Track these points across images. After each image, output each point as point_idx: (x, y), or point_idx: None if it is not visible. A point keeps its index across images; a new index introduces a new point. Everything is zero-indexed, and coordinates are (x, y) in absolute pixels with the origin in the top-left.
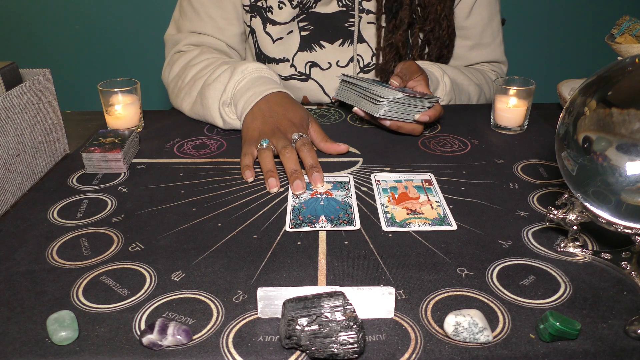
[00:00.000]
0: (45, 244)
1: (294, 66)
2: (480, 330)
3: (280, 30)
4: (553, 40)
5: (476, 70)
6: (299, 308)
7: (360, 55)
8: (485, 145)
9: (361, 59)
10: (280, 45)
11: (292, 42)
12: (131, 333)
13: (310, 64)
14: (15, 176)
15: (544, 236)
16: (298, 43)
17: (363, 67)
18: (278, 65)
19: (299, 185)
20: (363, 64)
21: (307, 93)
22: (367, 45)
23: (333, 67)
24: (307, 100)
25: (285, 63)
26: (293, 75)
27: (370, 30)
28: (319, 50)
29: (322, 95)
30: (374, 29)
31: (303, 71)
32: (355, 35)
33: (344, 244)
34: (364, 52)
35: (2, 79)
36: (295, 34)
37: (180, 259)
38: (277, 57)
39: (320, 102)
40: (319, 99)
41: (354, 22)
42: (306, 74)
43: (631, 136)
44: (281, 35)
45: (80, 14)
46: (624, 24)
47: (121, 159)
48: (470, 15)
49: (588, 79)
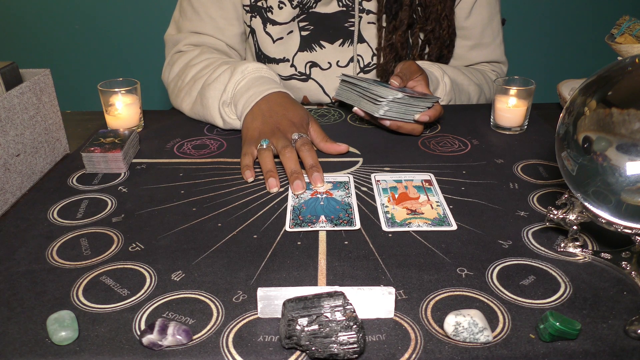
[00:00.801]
0: (45, 244)
1: (294, 66)
2: (480, 330)
3: (280, 30)
4: (553, 40)
5: (476, 70)
6: (299, 308)
7: (360, 56)
8: (485, 145)
9: (361, 59)
10: (280, 45)
11: (292, 42)
12: (131, 333)
13: (310, 64)
14: (15, 176)
15: (544, 236)
16: (298, 43)
17: (363, 67)
18: (278, 65)
19: (299, 185)
20: (363, 64)
21: (307, 93)
22: (368, 46)
23: (333, 67)
24: (307, 101)
25: (286, 63)
26: (293, 75)
27: (371, 31)
28: (319, 50)
29: (322, 95)
30: (374, 29)
31: (303, 71)
32: (355, 36)
33: (344, 244)
34: (364, 52)
35: (2, 79)
36: (296, 34)
37: (180, 259)
38: (277, 57)
39: (321, 102)
40: (319, 99)
41: (354, 22)
42: (306, 74)
43: (631, 136)
44: (281, 35)
45: (80, 14)
46: (624, 24)
47: (121, 159)
48: (471, 15)
49: (588, 79)
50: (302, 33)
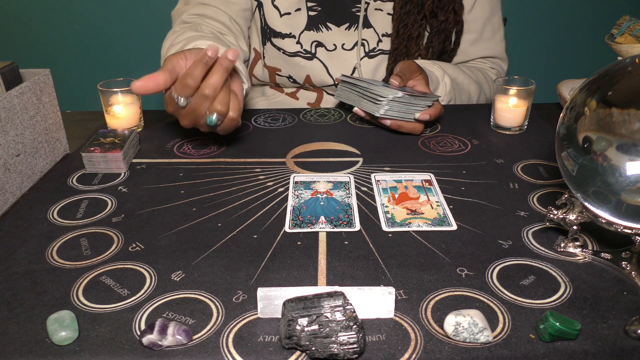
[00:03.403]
0: (45, 244)
1: (299, 43)
2: (480, 330)
3: (288, 5)
4: (553, 40)
5: (476, 69)
6: (299, 308)
7: (365, 40)
8: (485, 145)
9: (367, 44)
10: (287, 20)
11: (300, 20)
12: (131, 333)
13: (316, 44)
14: (15, 176)
15: (544, 236)
16: (305, 21)
17: (368, 52)
18: (284, 40)
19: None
20: (368, 49)
21: (311, 72)
22: (374, 31)
23: (338, 49)
24: (310, 81)
25: (292, 39)
26: (298, 52)
27: (377, 16)
28: (326, 31)
29: (326, 76)
30: (381, 15)
31: (309, 49)
32: (360, 20)
33: (344, 244)
34: (370, 37)
35: (2, 79)
36: (303, 12)
37: (180, 259)
38: (284, 32)
39: (324, 83)
40: (322, 79)
41: (360, 8)
42: (311, 53)
43: (631, 136)
44: (289, 11)
45: (80, 14)
46: (624, 24)
47: (121, 159)
48: (473, 9)
49: (588, 79)
50: (310, 13)
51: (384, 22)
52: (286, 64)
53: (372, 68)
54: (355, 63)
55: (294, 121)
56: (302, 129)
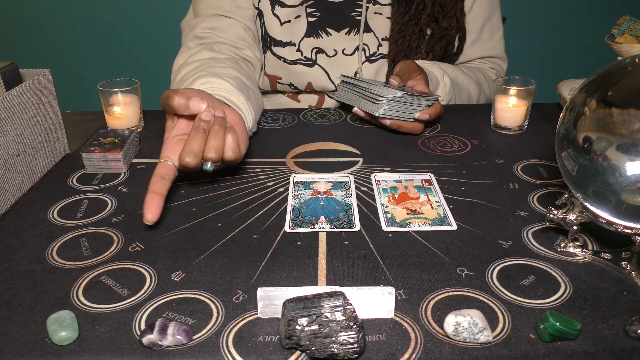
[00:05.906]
0: (45, 244)
1: (300, 51)
2: (480, 330)
3: (288, 13)
4: (553, 40)
5: (475, 69)
6: (299, 308)
7: (366, 44)
8: (485, 145)
9: (367, 48)
10: (287, 28)
11: (299, 27)
12: (131, 333)
13: (316, 50)
14: (15, 176)
15: (544, 236)
16: (305, 28)
17: (369, 57)
18: (284, 48)
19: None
20: (369, 53)
21: (312, 79)
22: (374, 35)
23: (339, 54)
24: (311, 87)
25: (292, 47)
26: (299, 60)
27: (377, 20)
28: (326, 37)
29: (328, 82)
30: (381, 19)
31: (309, 56)
32: (361, 25)
33: (344, 244)
34: (370, 42)
35: (2, 79)
36: (303, 19)
37: (180, 259)
38: (284, 41)
39: (326, 89)
40: (323, 85)
41: (360, 12)
42: (312, 59)
43: (631, 136)
44: (289, 19)
45: (80, 14)
46: (624, 24)
47: (121, 159)
48: (472, 10)
49: (588, 79)
50: (309, 19)
51: (384, 26)
52: (287, 72)
53: (373, 72)
54: (357, 68)
55: (294, 121)
56: (302, 129)
